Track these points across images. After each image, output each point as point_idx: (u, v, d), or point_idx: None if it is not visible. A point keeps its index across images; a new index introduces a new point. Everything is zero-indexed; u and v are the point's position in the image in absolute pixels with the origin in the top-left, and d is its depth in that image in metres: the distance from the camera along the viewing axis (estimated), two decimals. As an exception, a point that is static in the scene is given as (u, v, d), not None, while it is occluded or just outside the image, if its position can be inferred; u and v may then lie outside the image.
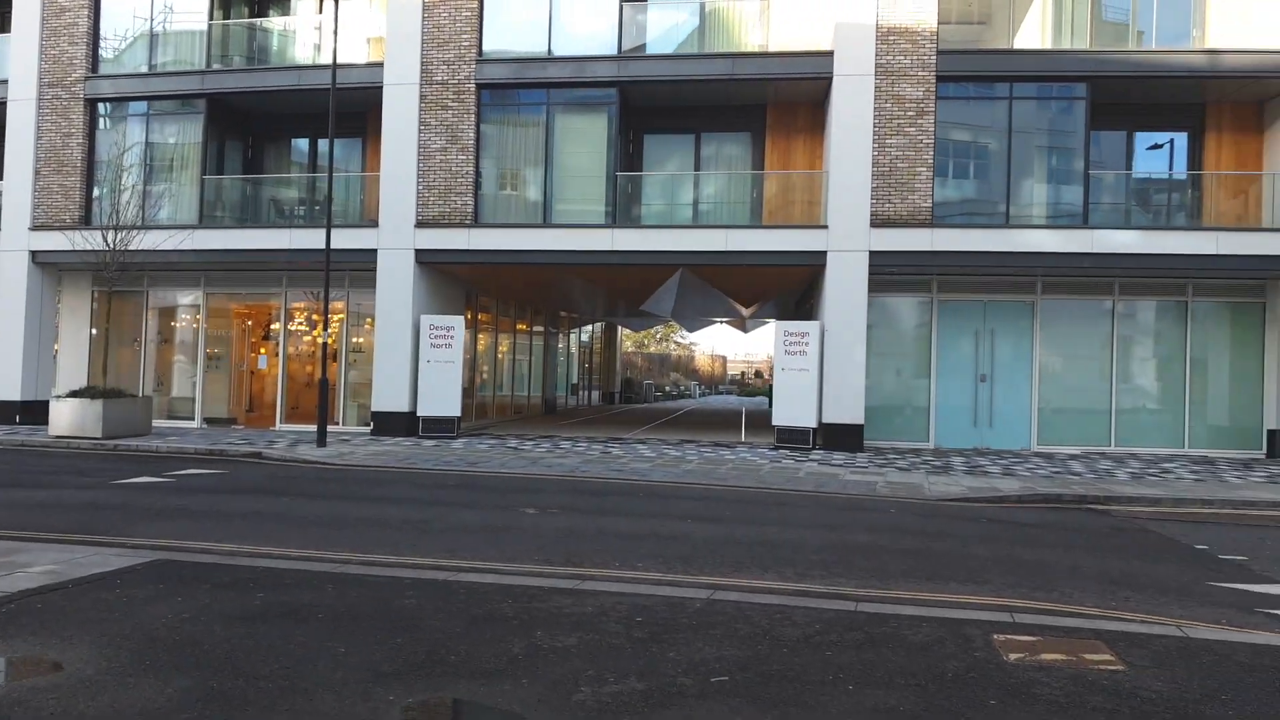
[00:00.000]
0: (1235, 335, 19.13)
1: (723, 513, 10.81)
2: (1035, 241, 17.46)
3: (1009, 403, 19.10)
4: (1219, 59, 17.40)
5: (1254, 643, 5.84)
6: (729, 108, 19.95)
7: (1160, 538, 10.24)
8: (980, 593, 7.16)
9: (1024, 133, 18.07)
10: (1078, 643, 5.67)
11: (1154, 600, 7.19)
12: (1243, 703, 4.70)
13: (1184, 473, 15.71)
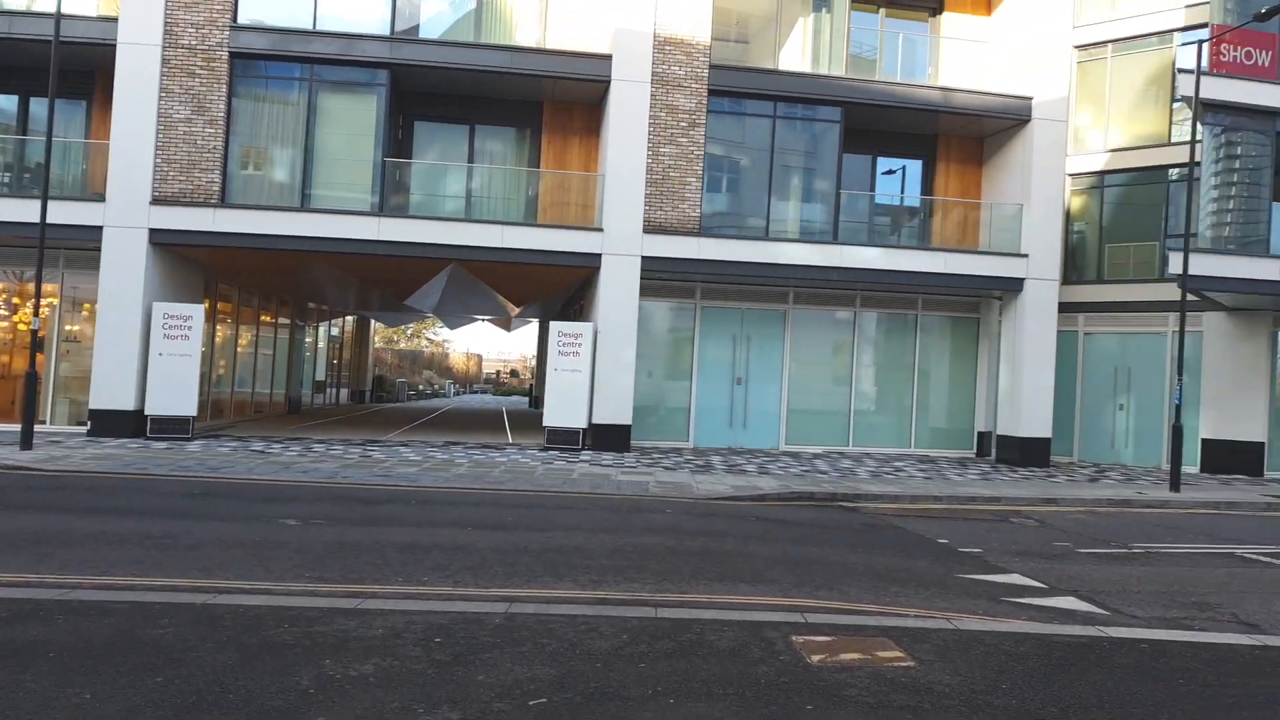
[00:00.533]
0: (954, 347, 21.31)
1: (504, 518, 10.47)
2: (791, 254, 18.49)
3: (762, 405, 20.13)
4: (951, 96, 19.31)
5: (1012, 632, 6.37)
6: (506, 101, 19.57)
7: (907, 533, 11.09)
8: (770, 593, 7.35)
9: (784, 151, 19.11)
10: (869, 641, 5.92)
11: (919, 594, 7.71)
12: (1022, 691, 5.07)
13: (913, 471, 17.25)
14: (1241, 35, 18.12)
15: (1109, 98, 22.73)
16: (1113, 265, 22.75)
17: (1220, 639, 6.49)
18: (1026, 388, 19.30)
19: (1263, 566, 9.93)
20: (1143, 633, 6.55)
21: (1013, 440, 19.45)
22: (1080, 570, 9.20)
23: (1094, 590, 8.25)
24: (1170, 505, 14.92)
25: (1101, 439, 22.28)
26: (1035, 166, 19.40)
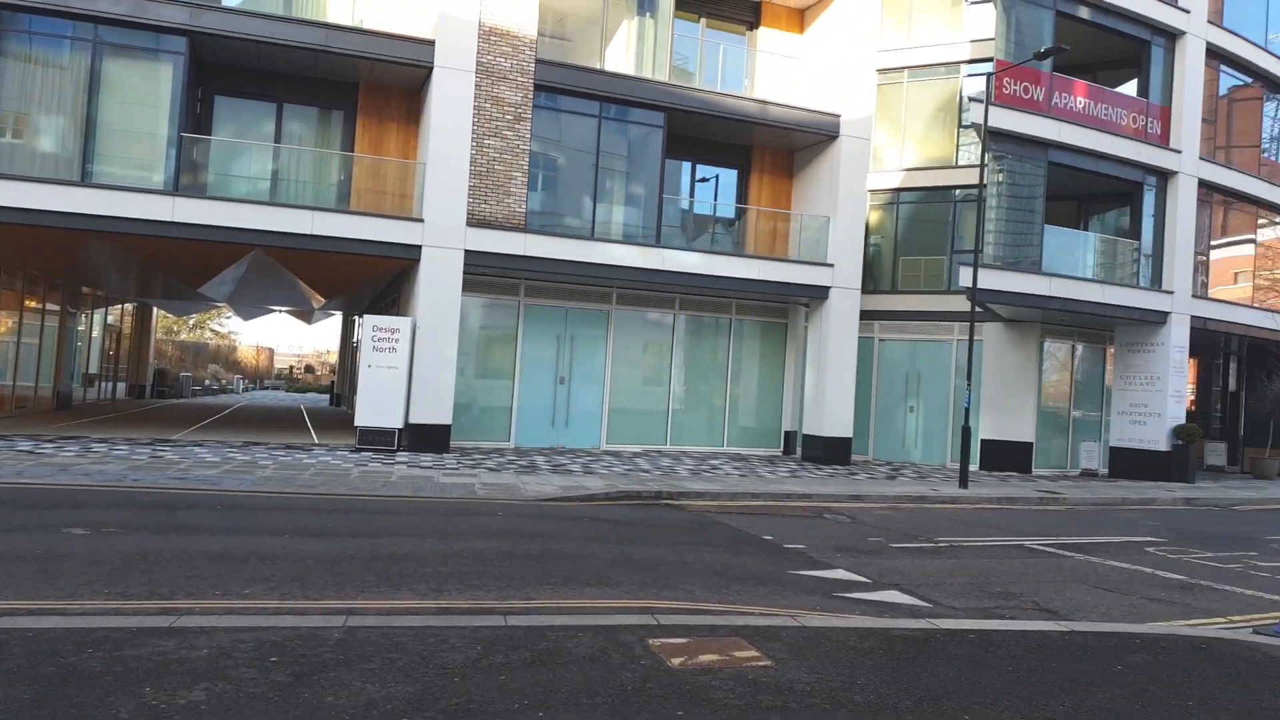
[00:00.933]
0: (764, 350, 22.15)
1: (324, 524, 9.82)
2: (616, 255, 18.56)
3: (584, 405, 20.10)
4: (767, 109, 20.03)
5: (854, 627, 6.60)
6: (318, 81, 18.46)
7: (735, 530, 11.35)
8: (617, 595, 7.26)
9: (610, 152, 19.16)
10: (723, 641, 5.94)
11: (758, 591, 7.87)
12: (876, 686, 5.23)
13: (729, 469, 17.75)
14: (1020, 71, 19.89)
15: (904, 120, 24.37)
16: (905, 277, 24.40)
17: (1033, 626, 7.00)
18: (831, 390, 20.32)
19: (1048, 557, 10.88)
20: (968, 624, 6.97)
21: (818, 439, 20.42)
22: (896, 564, 9.72)
23: (913, 584, 8.72)
24: (961, 501, 16.12)
25: (894, 439, 23.84)
26: (842, 181, 20.47)
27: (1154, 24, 21.66)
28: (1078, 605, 8.23)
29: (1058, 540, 12.11)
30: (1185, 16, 21.91)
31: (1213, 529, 14.38)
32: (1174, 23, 21.77)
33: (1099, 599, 8.58)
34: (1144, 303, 21.32)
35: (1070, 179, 21.19)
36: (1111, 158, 20.92)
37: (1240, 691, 5.58)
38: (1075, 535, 12.74)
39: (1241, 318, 23.51)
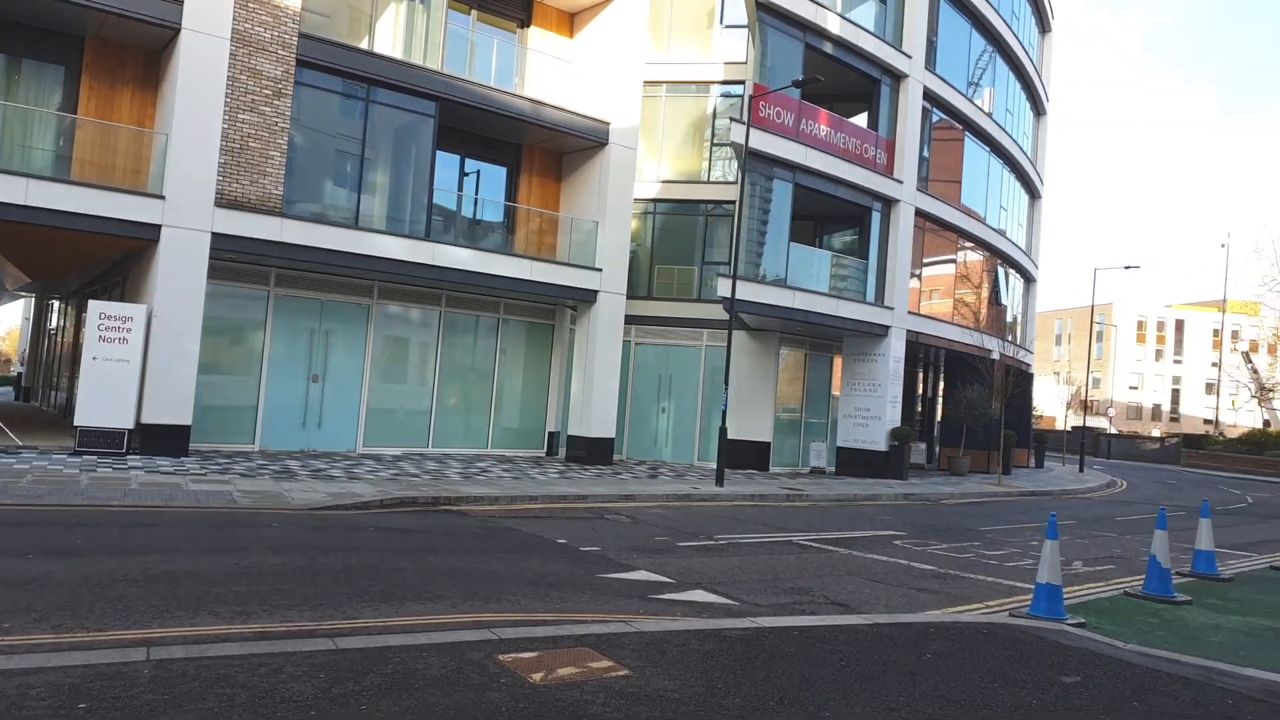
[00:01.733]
0: (530, 351, 22.07)
1: (71, 542, 8.53)
2: (383, 247, 17.68)
3: (340, 404, 18.97)
4: (541, 109, 19.97)
5: (689, 630, 6.72)
6: (38, 30, 16.01)
7: (527, 535, 11.20)
8: (444, 610, 6.92)
9: (378, 139, 18.23)
10: (572, 653, 5.83)
11: (579, 597, 7.82)
12: (738, 688, 5.37)
13: (499, 471, 17.51)
14: (774, 96, 21.28)
15: (661, 134, 25.31)
16: (660, 284, 25.33)
17: (840, 620, 7.50)
18: (597, 392, 20.63)
19: (817, 552, 11.70)
20: (785, 621, 7.32)
21: (583, 440, 20.65)
22: (690, 563, 10.04)
23: (714, 582, 9.04)
24: (721, 499, 16.95)
25: (647, 438, 24.65)
26: (611, 188, 20.85)
27: (884, 65, 24.02)
28: (863, 598, 8.92)
29: (819, 535, 13.06)
30: (908, 61, 24.48)
31: (938, 522, 16.15)
32: (899, 65, 24.26)
33: (876, 591, 9.35)
34: (870, 317, 23.57)
35: (811, 200, 22.97)
36: (848, 183, 22.95)
37: (1029, 670, 6.30)
38: (831, 530, 13.79)
39: (945, 332, 26.62)
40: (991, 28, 28.61)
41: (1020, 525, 16.29)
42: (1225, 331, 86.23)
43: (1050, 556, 8.23)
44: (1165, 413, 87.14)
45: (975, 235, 28.34)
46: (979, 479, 26.46)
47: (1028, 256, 33.74)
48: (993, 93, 29.51)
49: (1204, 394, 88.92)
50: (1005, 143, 29.91)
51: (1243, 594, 10.39)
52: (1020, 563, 11.85)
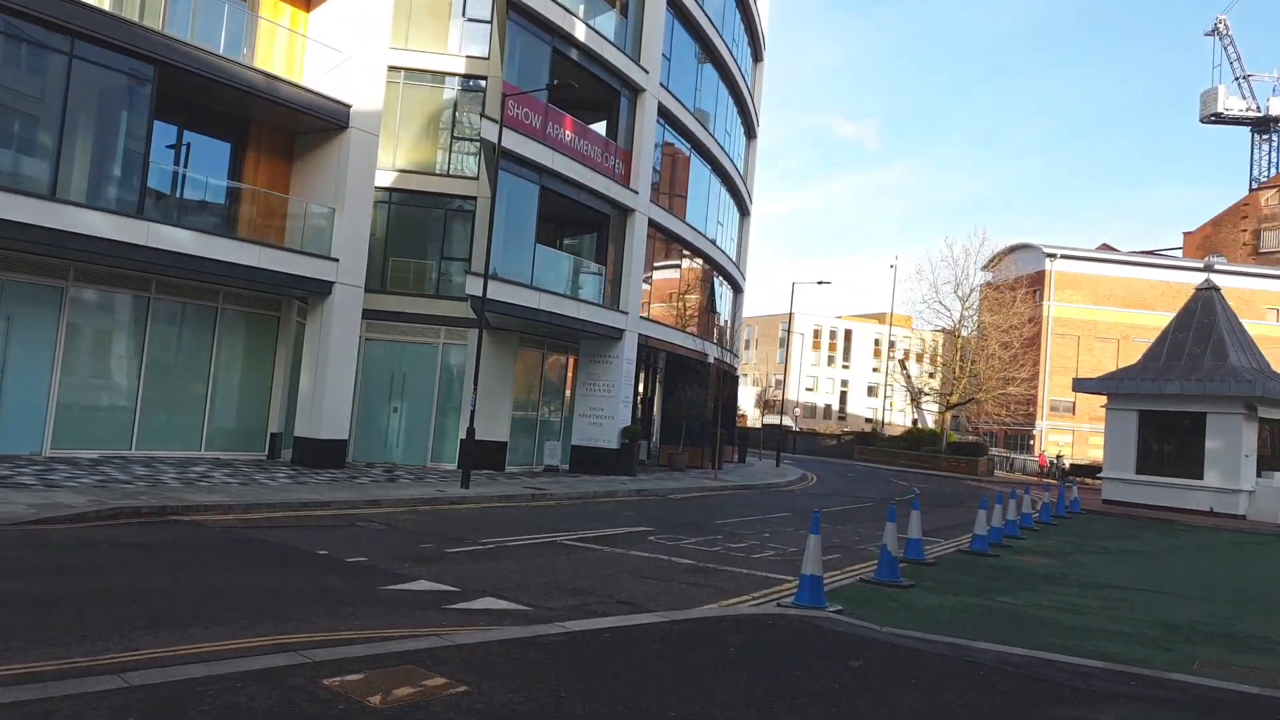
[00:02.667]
0: (252, 344, 20.40)
1: None
2: (85, 223, 15.53)
3: (21, 401, 16.45)
4: (276, 85, 18.52)
5: (506, 639, 6.62)
6: None
7: (283, 546, 10.42)
8: (234, 634, 6.30)
9: (84, 101, 15.97)
10: (399, 671, 5.56)
11: (374, 612, 7.44)
12: (582, 697, 5.40)
13: (222, 476, 16.07)
14: (524, 98, 21.31)
15: (399, 121, 24.44)
16: (395, 278, 24.46)
17: (640, 620, 7.72)
18: (330, 391, 19.50)
19: (584, 551, 11.93)
20: (592, 624, 7.42)
21: (312, 442, 19.43)
22: (468, 570, 9.86)
23: (499, 588, 8.96)
24: (469, 501, 16.70)
25: (376, 440, 23.69)
26: (350, 174, 19.80)
27: (624, 77, 24.85)
28: (644, 595, 9.24)
29: (580, 535, 13.29)
30: (646, 75, 25.51)
31: (678, 517, 16.99)
32: (638, 79, 25.22)
33: (652, 587, 9.73)
34: (608, 320, 24.29)
35: (555, 203, 23.25)
36: (590, 189, 23.48)
37: (818, 657, 6.89)
38: (588, 529, 14.07)
39: (670, 336, 28.05)
40: (716, 51, 30.52)
41: (749, 518, 17.57)
42: (884, 342, 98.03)
43: (813, 550, 9.00)
44: (835, 412, 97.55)
45: (697, 247, 30.11)
46: (697, 474, 28.14)
47: (737, 268, 36.37)
48: (713, 115, 31.50)
49: (866, 396, 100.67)
50: (724, 162, 32.06)
51: (948, 576, 11.96)
52: (763, 554, 12.81)
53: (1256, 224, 77.20)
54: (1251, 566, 16.53)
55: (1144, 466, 26.15)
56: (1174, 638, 9.13)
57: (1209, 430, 24.97)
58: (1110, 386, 27.87)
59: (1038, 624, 9.29)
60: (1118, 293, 61.31)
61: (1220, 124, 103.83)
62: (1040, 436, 59.89)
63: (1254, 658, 8.44)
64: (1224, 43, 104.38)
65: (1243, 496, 24.76)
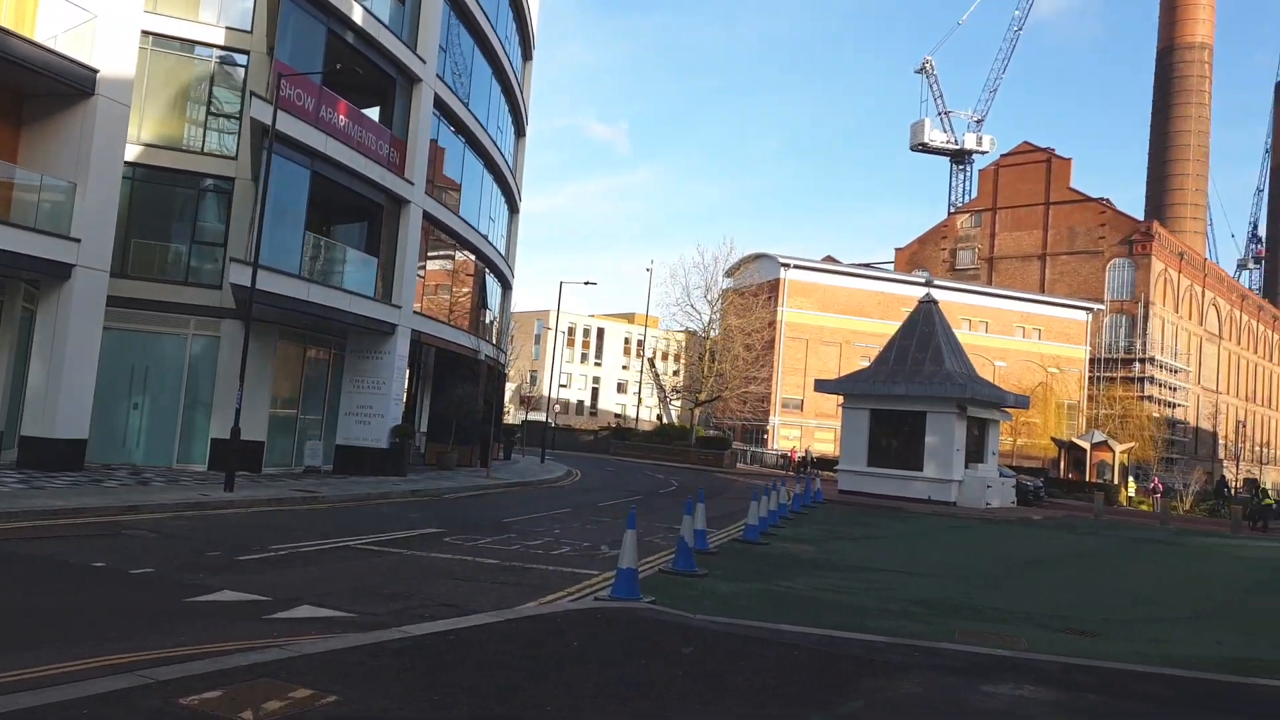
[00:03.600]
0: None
1: None
2: None
3: None
4: (10, 40, 16.36)
5: (353, 646, 6.49)
6: None
7: (49, 560, 9.46)
8: (55, 657, 5.76)
9: None
10: (261, 685, 5.37)
11: (192, 626, 7.03)
12: (460, 699, 5.49)
13: (-64, 483, 14.07)
14: (298, 79, 20.19)
15: (145, 91, 22.31)
16: (138, 261, 22.34)
17: (476, 621, 7.78)
18: (68, 386, 17.52)
19: (383, 555, 11.68)
20: (429, 628, 7.39)
21: (46, 443, 17.37)
22: (271, 578, 9.43)
23: (313, 595, 8.67)
24: (237, 505, 15.68)
25: (115, 439, 21.54)
26: (96, 147, 17.87)
27: (401, 65, 24.17)
28: (464, 596, 9.27)
29: (371, 539, 12.95)
30: (423, 65, 24.96)
31: (464, 517, 16.90)
32: (415, 68, 24.62)
33: (469, 588, 9.77)
34: (381, 314, 23.54)
35: (327, 190, 22.19)
36: (364, 178, 22.64)
37: (654, 647, 7.33)
38: (376, 532, 13.69)
39: (443, 333, 27.61)
40: (490, 46, 30.36)
41: (534, 515, 17.80)
42: (634, 341, 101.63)
43: (630, 545, 9.45)
44: (587, 408, 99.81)
45: (471, 242, 29.83)
46: (468, 473, 27.94)
47: (508, 265, 36.39)
48: (486, 110, 31.33)
49: (617, 392, 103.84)
50: (497, 158, 31.97)
51: (733, 564, 12.85)
52: (561, 551, 13.13)
53: (953, 244, 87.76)
54: (970, 547, 19.00)
55: (874, 459, 29.17)
56: (932, 613, 10.46)
57: (928, 428, 28.31)
58: (847, 387, 30.81)
59: (823, 606, 10.31)
60: (841, 301, 67.32)
61: (926, 153, 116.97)
62: (773, 431, 64.61)
63: (994, 625, 9.87)
64: (930, 80, 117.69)
65: (954, 486, 28.30)
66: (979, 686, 6.84)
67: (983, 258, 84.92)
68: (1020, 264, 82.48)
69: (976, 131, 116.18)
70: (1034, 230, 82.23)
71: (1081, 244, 79.21)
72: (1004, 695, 6.62)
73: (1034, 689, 6.84)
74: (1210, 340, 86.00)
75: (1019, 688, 6.85)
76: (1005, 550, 18.71)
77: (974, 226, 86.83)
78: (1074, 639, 9.38)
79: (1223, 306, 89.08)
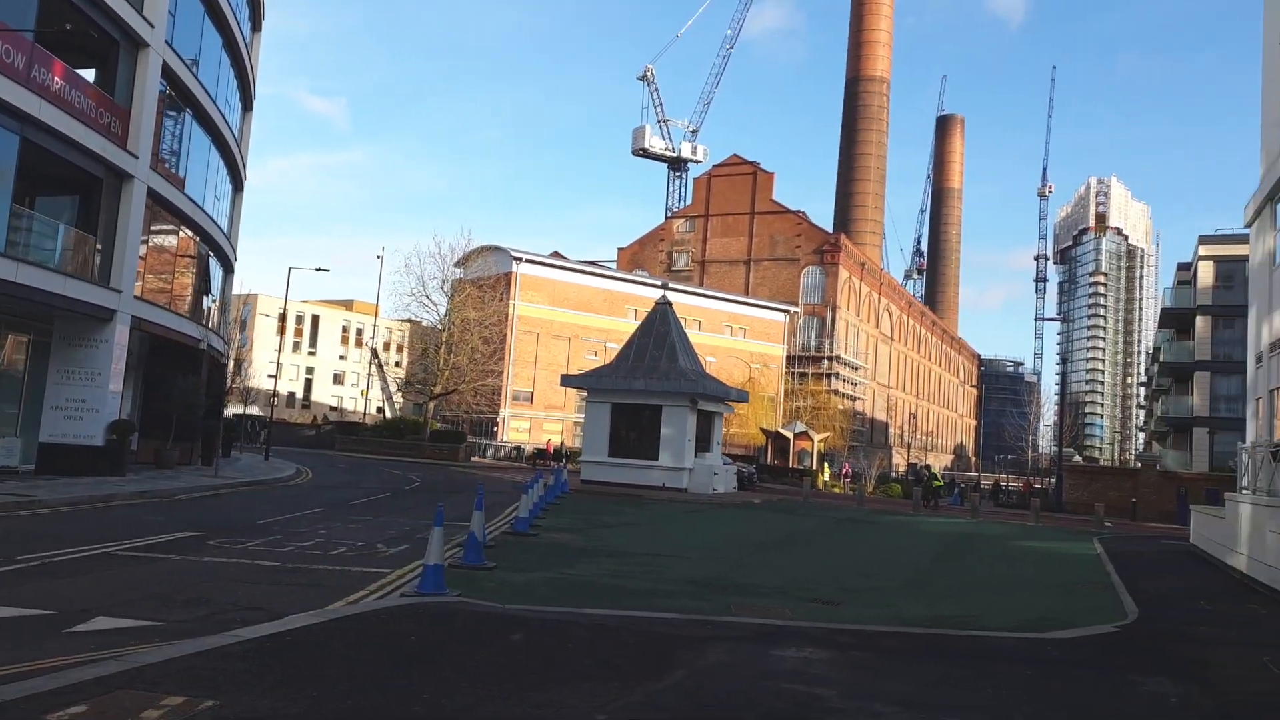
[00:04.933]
0: None
1: None
2: None
3: None
4: None
5: (193, 653, 6.34)
6: None
7: None
8: None
9: None
10: (125, 697, 5.25)
11: (3, 647, 6.47)
12: (338, 698, 5.62)
13: None
14: (6, 34, 17.86)
15: None
16: None
17: (301, 622, 7.72)
18: None
19: (154, 561, 11.00)
20: (260, 630, 7.29)
21: None
22: (41, 590, 8.78)
23: (99, 606, 8.22)
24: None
25: None
26: None
27: (126, 27, 21.97)
28: (267, 599, 9.10)
29: (126, 545, 12.06)
30: (151, 30, 22.85)
31: (213, 519, 15.92)
32: (142, 33, 22.49)
33: (267, 591, 9.56)
34: (96, 298, 21.33)
35: (38, 159, 19.79)
36: (82, 148, 20.39)
37: (486, 636, 7.74)
38: (127, 538, 12.67)
39: (165, 320, 25.42)
40: (220, 13, 28.29)
41: (289, 516, 17.12)
42: (353, 330, 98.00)
43: (436, 542, 9.71)
44: (299, 400, 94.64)
45: (196, 222, 27.65)
46: (192, 472, 26.00)
47: (231, 246, 34.01)
48: (215, 82, 29.16)
49: (333, 384, 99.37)
50: (225, 133, 29.83)
51: (514, 556, 13.32)
52: (339, 550, 12.95)
53: (670, 246, 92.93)
54: (712, 530, 20.70)
55: (615, 450, 30.64)
56: (705, 590, 11.61)
57: (664, 420, 30.21)
58: (591, 383, 32.08)
59: (613, 590, 11.12)
60: (570, 297, 69.24)
61: (647, 158, 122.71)
62: (504, 424, 65.19)
63: (759, 599, 11.18)
64: (651, 88, 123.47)
65: (685, 473, 30.44)
66: (770, 651, 7.93)
67: (696, 260, 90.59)
68: (729, 268, 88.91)
69: (692, 141, 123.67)
70: (741, 237, 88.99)
71: (781, 251, 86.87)
72: (793, 657, 7.74)
73: (813, 650, 8.04)
74: (885, 341, 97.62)
75: (801, 650, 8.02)
76: (742, 532, 20.65)
77: (689, 231, 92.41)
78: (824, 608, 10.89)
79: (894, 312, 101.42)
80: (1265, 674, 8.14)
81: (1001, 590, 14.00)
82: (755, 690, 6.61)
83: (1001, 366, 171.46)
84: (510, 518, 17.54)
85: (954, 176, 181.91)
